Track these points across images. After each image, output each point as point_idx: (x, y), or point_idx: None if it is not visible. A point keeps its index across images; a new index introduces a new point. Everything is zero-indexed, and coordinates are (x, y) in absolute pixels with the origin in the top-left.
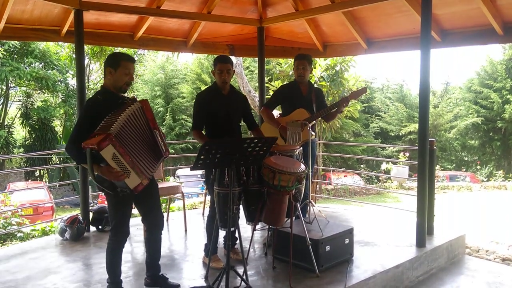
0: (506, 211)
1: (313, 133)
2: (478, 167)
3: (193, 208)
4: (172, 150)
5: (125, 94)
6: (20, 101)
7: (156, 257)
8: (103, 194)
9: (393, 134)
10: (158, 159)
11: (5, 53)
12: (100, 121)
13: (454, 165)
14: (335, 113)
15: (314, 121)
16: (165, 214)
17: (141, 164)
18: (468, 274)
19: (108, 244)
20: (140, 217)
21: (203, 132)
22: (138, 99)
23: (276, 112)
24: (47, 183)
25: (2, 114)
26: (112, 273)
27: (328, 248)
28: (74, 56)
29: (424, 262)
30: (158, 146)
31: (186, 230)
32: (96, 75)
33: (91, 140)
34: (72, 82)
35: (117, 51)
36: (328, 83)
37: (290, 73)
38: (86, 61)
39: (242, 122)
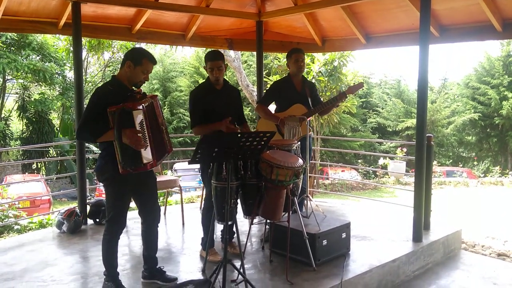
0: (503, 206)
1: (309, 127)
2: (475, 163)
3: (191, 202)
4: None
5: None
6: (17, 93)
7: (153, 250)
8: (100, 186)
9: (390, 130)
10: (162, 154)
11: (2, 45)
12: None
13: (451, 160)
14: (331, 108)
15: (311, 116)
16: (162, 208)
17: (153, 146)
18: (464, 269)
19: (104, 235)
20: (137, 210)
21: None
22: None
23: (271, 108)
24: (44, 176)
25: None
26: (108, 265)
27: (325, 242)
28: (71, 49)
29: (421, 256)
30: (164, 142)
31: (183, 224)
32: (94, 68)
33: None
34: (70, 74)
35: (139, 46)
36: (326, 78)
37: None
38: (84, 54)
39: None
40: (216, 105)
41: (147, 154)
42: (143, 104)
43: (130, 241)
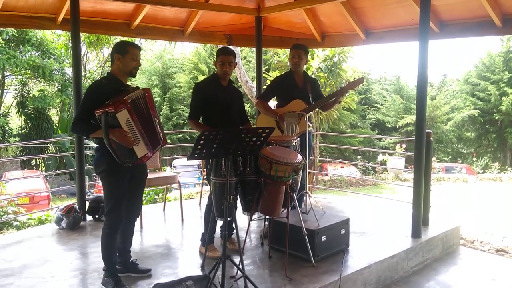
0: (501, 203)
1: (310, 123)
2: (474, 159)
3: (190, 198)
4: (169, 140)
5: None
6: (16, 89)
7: (129, 243)
8: (99, 183)
9: (389, 126)
10: (155, 146)
11: (1, 41)
12: (104, 102)
13: (450, 157)
14: (332, 104)
15: (311, 112)
16: (161, 204)
17: (146, 139)
18: (463, 265)
19: (103, 229)
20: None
21: (200, 121)
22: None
23: (272, 103)
24: (44, 172)
25: None
26: (108, 260)
27: (324, 238)
28: (70, 44)
29: (419, 252)
30: (157, 134)
31: (182, 220)
32: (93, 64)
33: (105, 106)
34: (69, 71)
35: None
36: (326, 74)
37: (288, 63)
38: (83, 50)
39: None
40: (219, 98)
41: (140, 149)
42: (127, 101)
43: None
